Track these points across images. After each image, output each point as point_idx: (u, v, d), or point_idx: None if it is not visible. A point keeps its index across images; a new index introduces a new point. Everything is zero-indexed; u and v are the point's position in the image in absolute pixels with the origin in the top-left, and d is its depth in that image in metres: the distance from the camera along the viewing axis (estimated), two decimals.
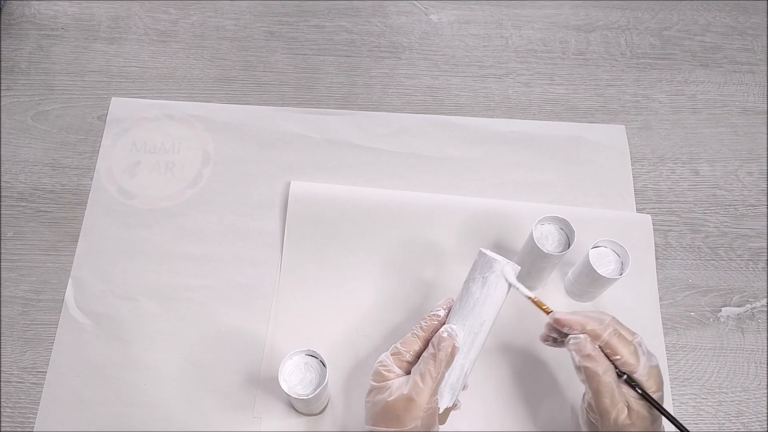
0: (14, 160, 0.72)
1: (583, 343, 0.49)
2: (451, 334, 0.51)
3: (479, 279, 0.52)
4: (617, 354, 0.49)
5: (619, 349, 0.49)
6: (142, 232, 0.68)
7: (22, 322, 0.64)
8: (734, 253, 0.70)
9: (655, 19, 0.84)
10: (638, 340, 0.50)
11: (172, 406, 0.60)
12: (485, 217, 0.68)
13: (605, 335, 0.49)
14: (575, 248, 0.59)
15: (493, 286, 0.51)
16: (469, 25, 0.82)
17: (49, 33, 0.79)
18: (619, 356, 0.49)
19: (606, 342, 0.49)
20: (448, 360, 0.50)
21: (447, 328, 0.51)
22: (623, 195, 0.72)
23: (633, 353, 0.49)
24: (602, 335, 0.49)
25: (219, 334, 0.63)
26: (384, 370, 0.52)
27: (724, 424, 0.62)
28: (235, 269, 0.66)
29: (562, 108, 0.77)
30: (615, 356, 0.49)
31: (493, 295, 0.51)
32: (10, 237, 0.68)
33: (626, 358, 0.49)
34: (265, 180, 0.71)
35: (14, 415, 0.60)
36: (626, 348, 0.49)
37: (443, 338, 0.50)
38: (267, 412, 0.60)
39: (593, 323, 0.50)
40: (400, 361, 0.52)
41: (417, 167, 0.72)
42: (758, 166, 0.75)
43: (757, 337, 0.66)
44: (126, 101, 0.75)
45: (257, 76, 0.78)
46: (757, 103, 0.78)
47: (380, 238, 0.67)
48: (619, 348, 0.49)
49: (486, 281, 0.51)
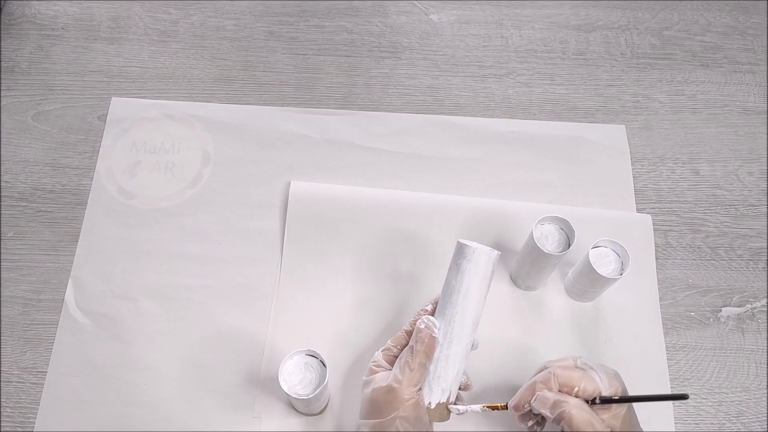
0: (14, 160, 0.72)
1: (543, 397, 0.48)
2: (428, 325, 0.51)
3: (454, 267, 0.52)
4: (574, 386, 0.48)
5: (571, 380, 0.48)
6: (142, 232, 0.68)
7: (22, 322, 0.64)
8: (734, 253, 0.70)
9: (656, 19, 0.84)
10: (581, 361, 0.50)
11: (172, 406, 0.60)
12: (485, 217, 0.68)
13: (551, 381, 0.48)
14: (575, 248, 0.59)
15: (467, 273, 0.51)
16: (470, 25, 0.82)
17: (50, 33, 0.80)
18: (577, 387, 0.48)
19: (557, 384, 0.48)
20: (426, 351, 0.50)
21: (424, 319, 0.51)
22: (623, 195, 0.72)
23: (584, 376, 0.48)
24: (549, 382, 0.49)
25: (219, 334, 0.63)
26: (374, 365, 0.53)
27: (725, 424, 0.62)
28: (235, 269, 0.66)
29: (563, 108, 0.77)
30: (574, 389, 0.48)
31: (467, 283, 0.51)
32: (10, 237, 0.68)
33: (583, 384, 0.48)
34: (265, 180, 0.71)
35: (14, 415, 0.60)
36: (576, 374, 0.48)
37: (419, 329, 0.51)
38: (267, 412, 0.60)
39: (535, 383, 0.49)
40: (388, 356, 0.53)
41: (417, 167, 0.72)
42: (758, 166, 0.74)
43: (757, 337, 0.66)
44: (126, 101, 0.75)
45: (257, 76, 0.78)
46: (758, 103, 0.78)
47: (380, 238, 0.67)
48: (571, 380, 0.48)
49: (459, 268, 0.51)
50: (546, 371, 0.50)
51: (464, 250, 0.51)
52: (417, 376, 0.50)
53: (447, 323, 0.51)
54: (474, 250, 0.51)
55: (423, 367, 0.50)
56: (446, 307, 0.52)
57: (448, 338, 0.51)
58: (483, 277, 0.51)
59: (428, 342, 0.50)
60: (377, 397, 0.50)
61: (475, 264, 0.51)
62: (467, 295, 0.51)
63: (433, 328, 0.51)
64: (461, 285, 0.51)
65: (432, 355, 0.51)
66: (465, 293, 0.51)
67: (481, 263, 0.51)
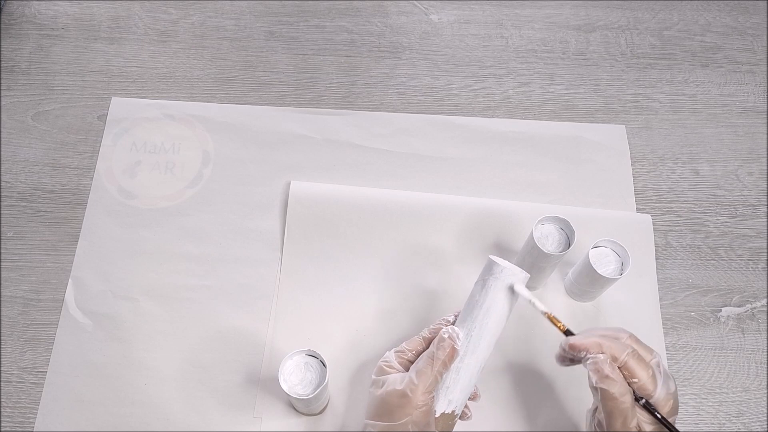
0: (14, 160, 0.72)
1: (602, 364, 0.47)
2: (452, 336, 0.50)
3: (480, 282, 0.52)
4: (635, 377, 0.47)
5: (637, 372, 0.47)
6: (142, 232, 0.68)
7: (22, 322, 0.64)
8: (734, 253, 0.70)
9: (655, 19, 0.84)
10: (656, 361, 0.49)
11: (172, 406, 0.60)
12: (485, 217, 0.68)
13: (623, 356, 0.47)
14: (575, 248, 0.59)
15: (492, 290, 0.50)
16: (470, 25, 0.82)
17: (49, 33, 0.80)
18: (637, 379, 0.47)
19: (624, 364, 0.47)
20: (445, 360, 0.50)
21: (449, 329, 0.51)
22: (623, 195, 0.72)
23: (651, 377, 0.47)
24: (620, 357, 0.47)
25: (219, 334, 0.63)
26: (385, 365, 0.52)
27: (725, 424, 0.62)
28: (235, 269, 0.66)
29: (563, 108, 0.77)
30: (632, 379, 0.47)
31: (491, 300, 0.50)
32: (10, 237, 0.68)
33: (644, 382, 0.47)
34: (265, 180, 0.71)
35: (14, 415, 0.60)
36: (644, 371, 0.47)
37: (443, 338, 0.50)
38: (267, 412, 0.60)
39: (611, 344, 0.48)
40: (402, 359, 0.53)
41: (417, 167, 0.72)
42: (758, 166, 0.75)
43: (757, 337, 0.66)
44: (126, 101, 0.75)
45: (257, 76, 0.78)
46: (758, 103, 0.78)
47: (380, 237, 0.67)
48: (637, 371, 0.47)
49: (485, 284, 0.51)
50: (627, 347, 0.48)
51: (492, 268, 0.51)
52: (433, 384, 0.49)
53: (465, 336, 0.51)
54: (502, 269, 0.50)
55: (439, 376, 0.50)
56: (466, 320, 0.51)
57: (462, 350, 0.51)
58: (507, 296, 0.51)
59: (449, 352, 0.50)
60: (390, 400, 0.49)
61: (501, 282, 0.50)
62: (488, 312, 0.51)
63: (456, 339, 0.50)
64: (484, 301, 0.51)
65: (450, 365, 0.50)
66: (486, 310, 0.51)
67: (507, 283, 0.50)
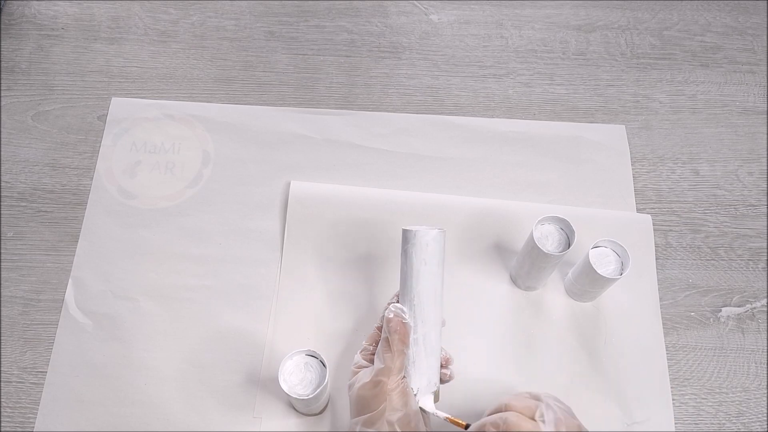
0: (14, 160, 0.72)
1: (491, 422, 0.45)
2: (396, 313, 0.51)
3: (402, 253, 0.52)
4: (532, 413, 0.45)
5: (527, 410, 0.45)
6: (142, 232, 0.68)
7: (22, 322, 0.64)
8: (734, 253, 0.70)
9: (655, 19, 0.84)
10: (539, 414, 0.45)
11: (172, 406, 0.60)
12: (485, 217, 0.68)
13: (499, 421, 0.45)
14: (575, 248, 0.59)
15: (414, 256, 0.51)
16: (469, 25, 0.82)
17: (49, 33, 0.79)
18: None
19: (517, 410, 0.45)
20: (401, 338, 0.50)
21: (391, 308, 0.52)
22: (623, 195, 0.72)
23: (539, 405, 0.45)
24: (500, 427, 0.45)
25: (219, 334, 0.63)
26: (355, 367, 0.53)
27: (725, 424, 0.62)
28: (235, 269, 0.66)
29: (562, 108, 0.77)
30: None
31: (417, 265, 0.51)
32: (10, 237, 0.68)
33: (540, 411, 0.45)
34: (265, 180, 0.71)
35: (14, 415, 0.60)
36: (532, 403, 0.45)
37: (389, 319, 0.51)
38: (267, 412, 0.60)
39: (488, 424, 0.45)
40: (367, 356, 0.54)
41: (417, 167, 0.72)
42: (758, 166, 0.74)
43: (757, 337, 0.66)
44: (126, 101, 0.75)
45: (257, 76, 0.78)
46: (757, 103, 0.78)
47: (380, 238, 0.67)
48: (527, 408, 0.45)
49: (406, 253, 0.52)
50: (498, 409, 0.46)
51: (407, 235, 0.52)
52: (398, 364, 0.50)
53: (408, 309, 0.52)
54: (415, 233, 0.51)
55: (402, 354, 0.50)
56: (404, 294, 0.52)
57: (412, 322, 0.52)
58: (431, 256, 0.52)
59: (400, 329, 0.50)
60: (364, 394, 0.50)
61: (419, 246, 0.51)
62: (418, 277, 0.51)
63: (401, 314, 0.51)
64: (411, 269, 0.51)
65: (407, 340, 0.51)
66: (416, 276, 0.51)
67: (424, 243, 0.51)
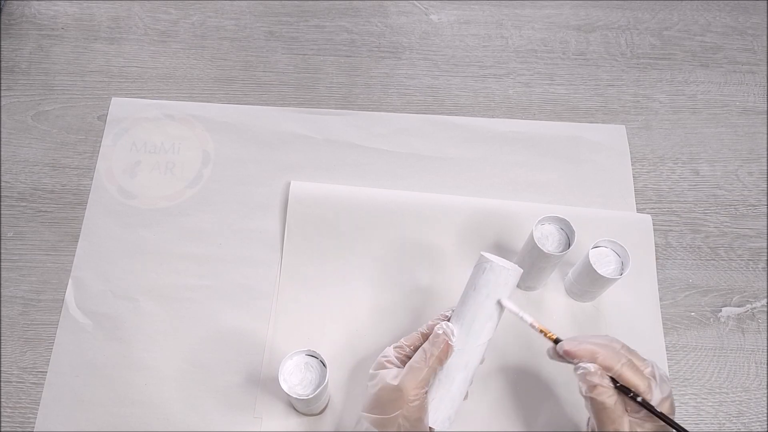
0: (14, 160, 0.72)
1: (591, 374, 0.47)
2: (446, 332, 0.50)
3: (471, 282, 0.51)
4: (631, 387, 0.47)
5: (633, 381, 0.47)
6: (142, 232, 0.68)
7: (22, 322, 0.64)
8: (734, 253, 0.70)
9: (655, 19, 0.84)
10: (650, 371, 0.48)
11: (172, 406, 0.60)
12: (485, 217, 0.68)
13: (617, 367, 0.47)
14: (575, 248, 0.59)
15: (484, 288, 0.50)
16: (469, 25, 0.82)
17: (49, 33, 0.79)
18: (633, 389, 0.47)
19: (618, 374, 0.47)
20: (439, 356, 0.49)
21: (443, 325, 0.51)
22: (623, 195, 0.72)
23: (647, 387, 0.47)
24: (614, 367, 0.47)
25: (219, 334, 0.63)
26: (384, 360, 0.53)
27: (725, 424, 0.62)
28: (235, 269, 0.66)
29: (562, 108, 0.77)
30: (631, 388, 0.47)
31: (482, 298, 0.50)
32: (10, 237, 0.68)
33: (641, 392, 0.47)
34: (265, 180, 0.71)
35: (14, 415, 0.60)
36: (641, 381, 0.47)
37: (437, 334, 0.50)
38: (267, 412, 0.60)
39: (604, 353, 0.47)
40: (400, 354, 0.53)
41: (417, 167, 0.72)
42: (758, 166, 0.75)
43: (757, 337, 0.66)
44: (126, 101, 0.75)
45: (257, 76, 0.78)
46: (758, 103, 0.78)
47: (380, 238, 0.67)
48: (633, 380, 0.47)
49: (476, 285, 0.51)
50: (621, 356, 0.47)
51: (483, 264, 0.50)
52: (426, 379, 0.49)
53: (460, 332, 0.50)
54: (492, 265, 0.50)
55: (433, 371, 0.50)
56: (459, 317, 0.51)
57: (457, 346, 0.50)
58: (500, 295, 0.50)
59: (443, 348, 0.50)
60: (383, 395, 0.50)
61: (494, 282, 0.50)
62: (481, 309, 0.50)
63: (450, 335, 0.50)
64: (476, 300, 0.50)
65: (444, 361, 0.50)
66: (479, 308, 0.50)
67: (502, 281, 0.50)
